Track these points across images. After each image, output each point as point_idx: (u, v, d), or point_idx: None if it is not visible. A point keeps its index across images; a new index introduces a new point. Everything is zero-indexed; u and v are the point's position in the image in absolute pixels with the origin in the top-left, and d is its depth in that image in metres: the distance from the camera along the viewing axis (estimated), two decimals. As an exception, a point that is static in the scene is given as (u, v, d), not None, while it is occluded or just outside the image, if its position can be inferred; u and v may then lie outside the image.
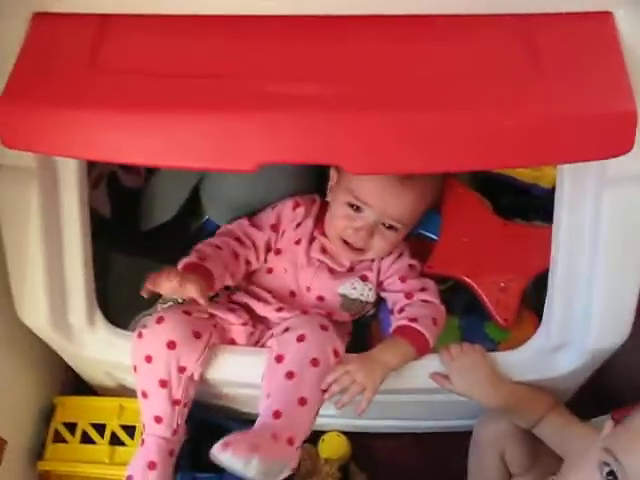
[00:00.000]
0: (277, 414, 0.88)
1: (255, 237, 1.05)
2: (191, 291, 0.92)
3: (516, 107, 0.72)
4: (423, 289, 1.02)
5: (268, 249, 1.06)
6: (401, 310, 1.00)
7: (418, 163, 0.73)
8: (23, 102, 0.75)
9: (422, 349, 0.96)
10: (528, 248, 1.04)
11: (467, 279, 1.04)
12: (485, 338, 1.04)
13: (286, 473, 0.90)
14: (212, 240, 1.04)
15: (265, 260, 1.07)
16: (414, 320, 0.97)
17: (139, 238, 1.17)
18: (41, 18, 0.81)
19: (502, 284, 1.03)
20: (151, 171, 1.17)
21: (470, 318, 1.07)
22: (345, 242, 1.02)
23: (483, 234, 1.06)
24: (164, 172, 1.12)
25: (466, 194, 1.09)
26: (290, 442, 0.87)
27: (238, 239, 1.04)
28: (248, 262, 1.04)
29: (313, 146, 0.73)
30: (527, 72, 0.74)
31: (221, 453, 0.81)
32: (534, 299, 1.07)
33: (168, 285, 0.91)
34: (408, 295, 1.01)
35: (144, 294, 0.94)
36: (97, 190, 1.15)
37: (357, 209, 1.00)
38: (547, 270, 0.98)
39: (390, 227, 1.01)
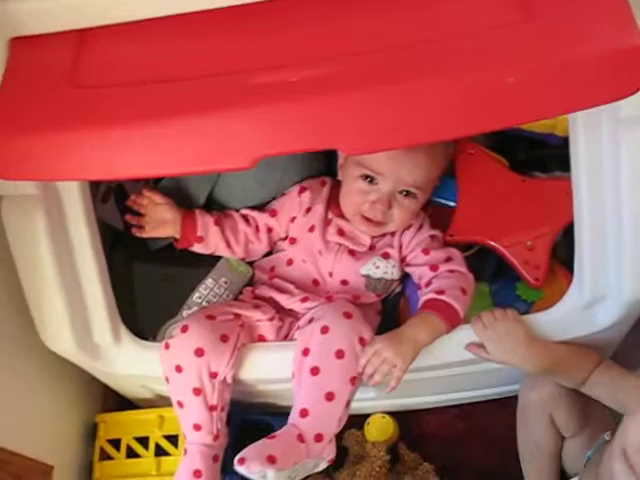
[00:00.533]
0: (304, 413, 0.88)
1: (256, 217, 1.06)
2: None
3: (514, 61, 0.68)
4: (448, 259, 0.99)
5: (272, 235, 1.06)
6: (428, 284, 0.98)
7: (419, 134, 0.70)
8: (11, 132, 0.74)
9: (452, 321, 0.94)
10: (551, 202, 1.01)
11: (492, 243, 1.01)
12: (518, 300, 1.01)
13: (322, 466, 0.91)
14: (222, 211, 1.07)
15: (277, 248, 1.07)
16: (441, 292, 0.95)
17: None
18: (19, 42, 0.79)
19: (529, 243, 1.00)
20: (158, 181, 1.15)
21: (500, 282, 1.04)
22: (364, 217, 1.00)
23: (502, 194, 1.03)
24: (170, 184, 1.10)
25: (479, 154, 1.05)
26: (318, 439, 0.87)
27: (242, 216, 1.06)
28: (248, 239, 1.05)
29: (306, 133, 0.70)
30: (519, 19, 0.70)
31: (238, 467, 0.83)
32: (564, 252, 1.04)
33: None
34: (433, 267, 0.99)
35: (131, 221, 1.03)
36: (107, 204, 1.13)
37: (371, 181, 0.98)
38: (573, 222, 0.95)
39: (407, 194, 0.98)
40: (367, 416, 1.15)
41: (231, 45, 0.74)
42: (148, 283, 1.11)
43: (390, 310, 1.06)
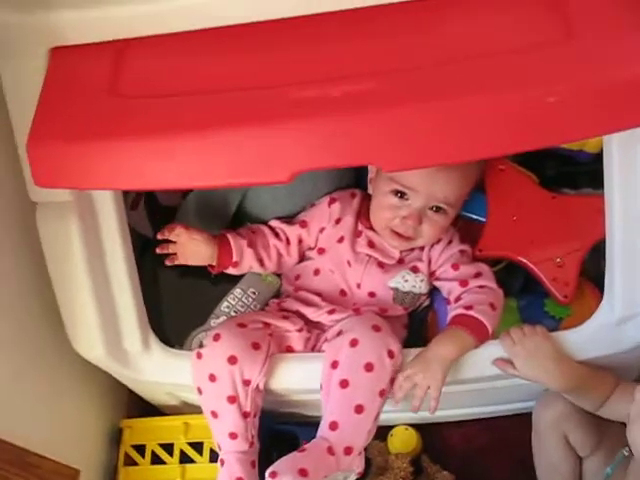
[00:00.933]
0: (333, 425, 0.89)
1: (286, 230, 1.06)
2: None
3: (555, 81, 0.68)
4: (478, 274, 0.99)
5: (303, 247, 1.06)
6: (458, 299, 0.98)
7: (458, 152, 0.70)
8: (51, 140, 0.75)
9: (481, 336, 0.94)
10: (581, 218, 1.01)
11: (521, 259, 1.01)
12: (546, 316, 1.01)
13: (351, 479, 0.91)
14: (251, 226, 1.07)
15: (305, 257, 1.07)
16: (469, 308, 0.95)
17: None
18: (59, 52, 0.80)
19: (558, 260, 1.00)
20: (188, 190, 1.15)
21: (528, 297, 1.04)
22: (394, 232, 1.00)
23: (532, 210, 1.03)
24: (199, 195, 1.10)
25: (510, 170, 1.05)
26: (348, 452, 0.88)
27: (271, 229, 1.06)
28: (279, 254, 1.05)
29: (345, 149, 0.71)
30: (560, 37, 0.70)
31: None
32: (592, 270, 1.04)
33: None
34: (463, 283, 0.99)
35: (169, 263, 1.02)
36: (136, 211, 1.14)
37: (402, 196, 0.98)
38: (603, 239, 0.94)
39: (438, 210, 0.98)
40: (390, 427, 1.16)
41: (274, 58, 0.74)
42: (175, 292, 1.12)
43: (417, 324, 1.06)
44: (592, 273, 1.04)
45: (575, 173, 1.10)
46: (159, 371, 0.99)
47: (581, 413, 0.98)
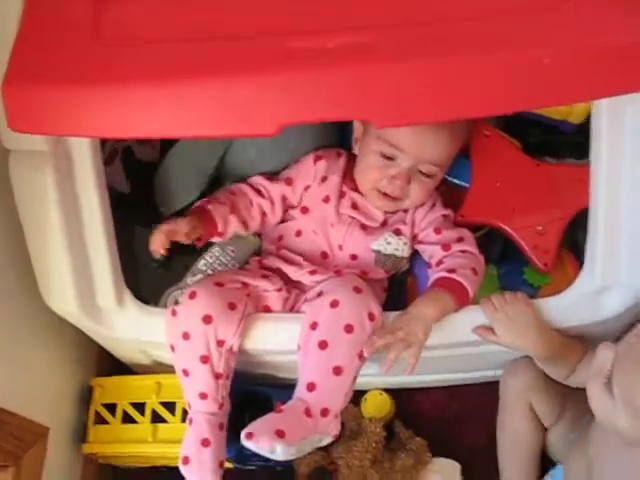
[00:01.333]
0: (311, 386, 0.88)
1: (269, 188, 1.03)
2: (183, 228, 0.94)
3: (552, 42, 0.67)
4: (460, 239, 0.99)
5: (287, 205, 1.04)
6: (439, 263, 0.97)
7: (452, 109, 0.68)
8: (28, 83, 0.71)
9: (462, 300, 0.94)
10: (564, 188, 1.00)
11: (503, 225, 1.01)
12: (525, 284, 1.01)
13: (325, 442, 0.91)
14: (230, 186, 1.04)
15: (287, 217, 1.04)
16: (452, 271, 0.94)
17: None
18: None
19: (539, 227, 1.00)
20: (166, 144, 1.12)
21: (507, 265, 1.04)
22: (381, 192, 0.98)
23: (516, 177, 1.02)
24: (181, 148, 1.07)
25: (495, 136, 1.04)
26: (325, 414, 0.87)
27: (253, 188, 1.03)
28: (263, 212, 1.03)
29: (337, 102, 0.68)
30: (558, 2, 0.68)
31: (246, 442, 0.82)
32: (569, 240, 1.04)
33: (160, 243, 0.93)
34: (445, 247, 0.98)
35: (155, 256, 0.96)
36: (112, 166, 1.11)
37: (389, 158, 0.96)
38: (584, 209, 0.95)
39: (426, 172, 0.96)
40: (363, 392, 1.15)
41: (266, 7, 0.71)
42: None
43: (397, 287, 1.05)
44: (568, 243, 1.04)
45: (558, 142, 1.09)
46: (132, 328, 0.97)
47: (547, 382, 0.99)
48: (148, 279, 1.06)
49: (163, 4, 0.74)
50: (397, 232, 1.01)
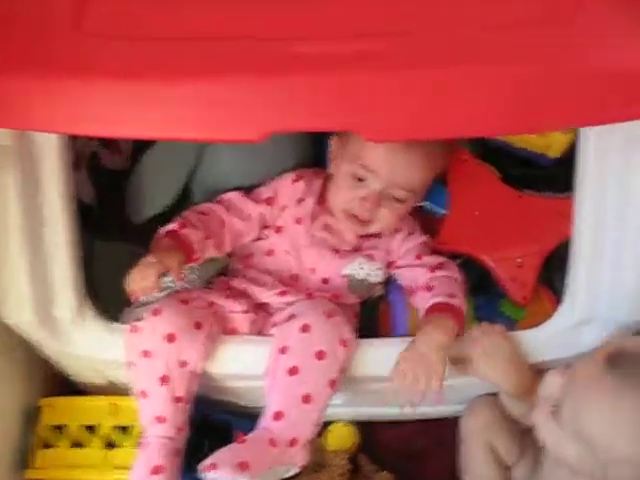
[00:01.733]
0: (278, 415, 0.83)
1: (247, 208, 0.98)
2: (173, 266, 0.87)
3: (554, 60, 0.65)
4: (442, 264, 0.96)
5: (263, 224, 1.00)
6: (429, 287, 0.94)
7: (450, 127, 0.66)
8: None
9: (461, 326, 0.90)
10: (544, 220, 0.99)
11: (481, 256, 0.99)
12: (501, 316, 0.99)
13: (292, 472, 0.86)
14: (200, 206, 0.98)
15: (260, 236, 1.00)
16: (452, 296, 0.91)
17: (127, 224, 1.08)
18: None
19: (518, 260, 0.98)
20: (136, 152, 1.08)
21: (484, 296, 1.01)
22: (350, 214, 0.95)
23: (496, 206, 1.00)
24: (155, 153, 1.03)
25: (472, 162, 1.02)
26: (292, 444, 0.83)
27: (228, 208, 0.97)
28: (238, 233, 0.98)
29: (328, 111, 0.66)
30: (561, 18, 0.66)
31: (206, 474, 0.78)
32: (545, 274, 1.02)
33: (144, 284, 0.85)
34: (431, 269, 0.96)
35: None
36: (77, 174, 1.06)
37: (361, 180, 0.93)
38: (562, 243, 0.94)
39: (398, 197, 0.93)
40: (328, 424, 1.11)
41: (258, 9, 0.69)
42: (112, 264, 1.04)
43: (368, 313, 1.01)
44: (544, 277, 1.03)
45: (538, 176, 1.08)
46: (92, 344, 0.91)
47: (507, 421, 0.97)
48: (108, 296, 1.00)
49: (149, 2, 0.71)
50: (370, 257, 0.98)
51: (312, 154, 1.05)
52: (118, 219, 1.06)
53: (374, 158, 0.91)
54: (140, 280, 0.85)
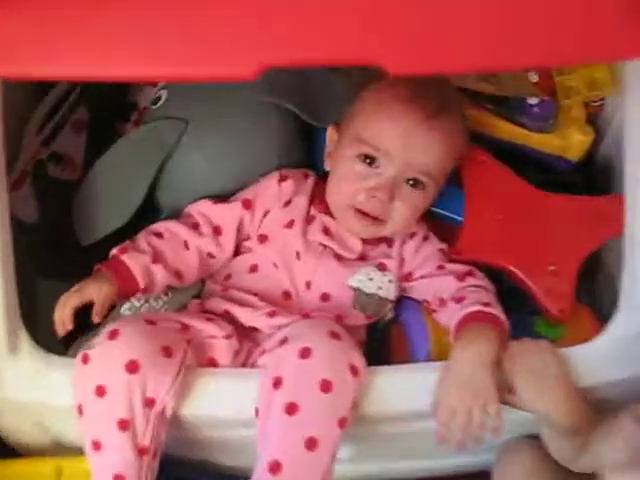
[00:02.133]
0: (275, 467, 0.67)
1: (219, 218, 0.84)
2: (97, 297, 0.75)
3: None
4: (470, 272, 0.81)
5: (241, 236, 0.85)
6: (459, 298, 0.78)
7: (482, 57, 0.54)
8: None
9: (504, 340, 0.74)
10: (577, 222, 0.86)
11: (508, 265, 0.84)
12: (536, 337, 0.81)
13: None
14: (155, 226, 0.83)
15: (236, 250, 0.85)
16: (487, 305, 0.76)
17: (74, 252, 0.90)
18: None
19: (551, 268, 0.83)
20: (88, 163, 0.91)
21: (515, 315, 0.84)
22: (359, 211, 0.80)
23: (521, 209, 0.87)
24: (109, 159, 0.87)
25: (493, 164, 0.89)
26: None
27: (193, 224, 0.84)
28: (208, 253, 0.83)
29: (339, 41, 0.53)
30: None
31: None
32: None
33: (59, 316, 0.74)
34: (459, 277, 0.81)
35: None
36: (20, 191, 0.90)
37: (371, 162, 0.79)
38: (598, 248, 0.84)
39: (415, 184, 0.79)
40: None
41: None
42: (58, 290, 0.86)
43: (376, 341, 0.84)
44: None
45: (556, 182, 0.95)
46: (27, 383, 0.73)
47: (550, 462, 0.78)
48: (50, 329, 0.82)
49: None
50: (381, 267, 0.82)
51: (300, 157, 0.91)
52: (66, 241, 0.88)
53: (385, 134, 0.78)
54: (57, 311, 0.74)
